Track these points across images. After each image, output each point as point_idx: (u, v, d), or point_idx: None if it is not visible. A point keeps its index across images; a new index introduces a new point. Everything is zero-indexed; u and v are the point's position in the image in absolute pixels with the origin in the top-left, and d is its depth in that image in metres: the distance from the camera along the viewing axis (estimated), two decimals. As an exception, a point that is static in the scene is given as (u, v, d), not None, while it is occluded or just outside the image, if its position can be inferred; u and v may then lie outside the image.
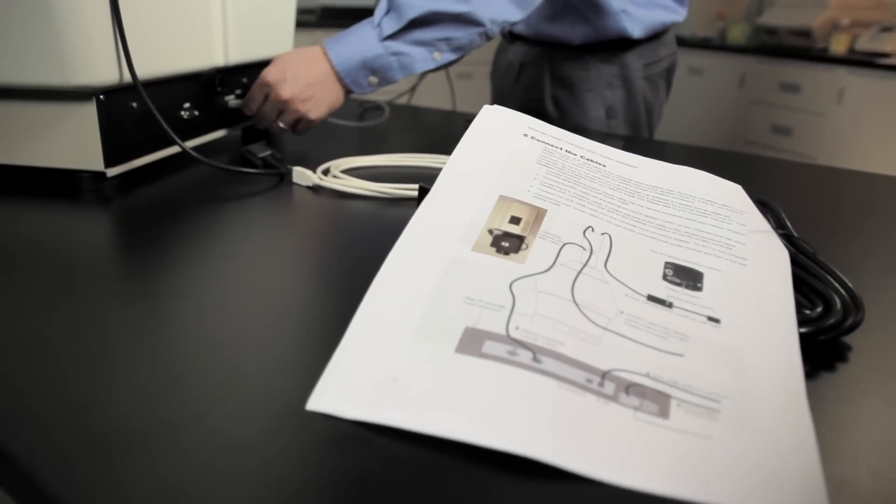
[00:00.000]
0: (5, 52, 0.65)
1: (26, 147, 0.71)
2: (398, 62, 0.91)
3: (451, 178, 0.47)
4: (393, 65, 0.90)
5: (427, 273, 0.40)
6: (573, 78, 1.23)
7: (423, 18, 0.89)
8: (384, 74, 0.91)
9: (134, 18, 0.69)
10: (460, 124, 1.18)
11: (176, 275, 0.50)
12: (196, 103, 0.85)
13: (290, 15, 1.05)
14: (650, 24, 1.18)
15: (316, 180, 0.73)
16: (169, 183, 0.76)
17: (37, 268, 0.51)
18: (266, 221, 0.63)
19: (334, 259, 0.55)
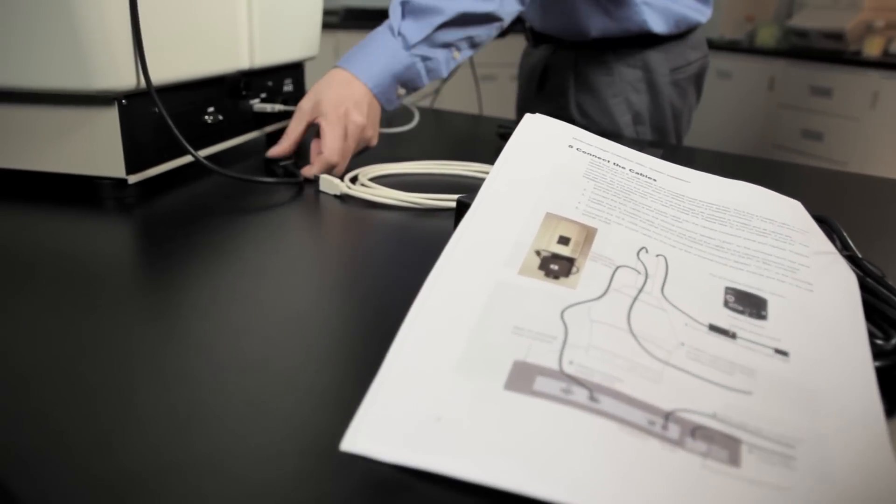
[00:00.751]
0: (27, 55, 0.63)
1: (46, 153, 0.68)
2: (425, 68, 0.87)
3: (494, 193, 0.44)
4: (421, 72, 0.87)
5: (471, 299, 0.37)
6: (598, 83, 1.20)
7: (451, 21, 0.86)
8: (412, 84, 0.88)
9: (158, 22, 0.67)
10: (488, 129, 1.15)
11: (199, 291, 0.47)
12: (220, 107, 0.82)
13: (316, 16, 1.02)
14: (673, 18, 1.13)
15: (344, 189, 0.70)
16: (192, 190, 0.73)
17: (55, 280, 0.49)
18: (293, 233, 0.61)
19: (366, 275, 0.52)
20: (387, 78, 0.84)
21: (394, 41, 0.84)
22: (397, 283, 0.51)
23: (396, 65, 0.84)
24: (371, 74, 0.82)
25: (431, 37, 0.85)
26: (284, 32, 0.93)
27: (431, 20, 0.84)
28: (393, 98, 0.87)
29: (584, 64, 1.20)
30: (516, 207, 0.43)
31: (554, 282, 0.39)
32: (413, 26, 0.84)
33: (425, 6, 0.84)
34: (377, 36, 0.85)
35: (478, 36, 0.89)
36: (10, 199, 0.69)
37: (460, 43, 0.89)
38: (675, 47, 1.18)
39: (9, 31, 0.62)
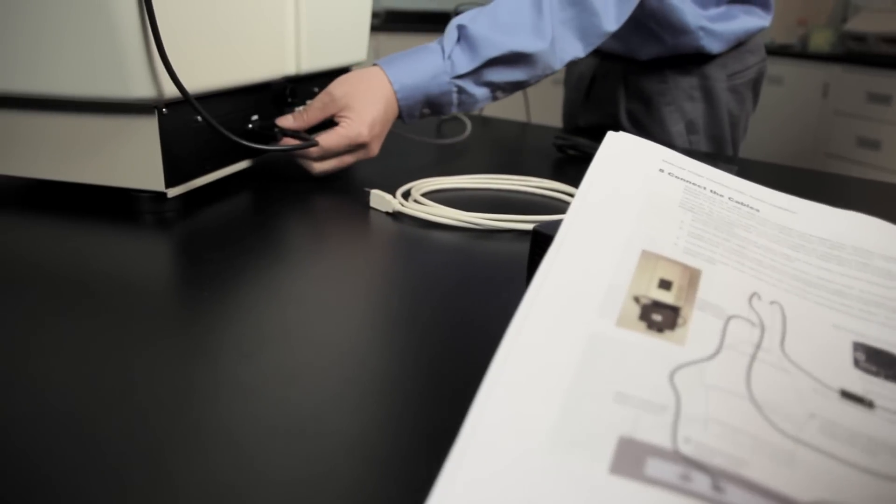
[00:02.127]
0: (64, 62, 0.59)
1: (82, 164, 0.65)
2: (459, 100, 0.84)
3: (580, 225, 0.39)
4: (453, 102, 0.83)
5: (562, 355, 0.32)
6: (650, 91, 1.13)
7: (501, 58, 0.82)
8: (439, 109, 0.84)
9: (203, 27, 0.63)
10: (542, 139, 1.09)
11: (240, 326, 0.43)
12: (265, 115, 0.78)
13: (365, 20, 0.97)
14: (731, 38, 1.08)
15: (396, 206, 0.65)
16: (233, 204, 0.69)
17: (88, 301, 0.44)
18: (341, 256, 0.56)
19: (427, 309, 0.47)
20: (418, 94, 0.81)
21: (441, 63, 0.81)
22: (463, 319, 0.46)
23: (434, 87, 0.81)
24: (404, 84, 0.79)
25: (480, 71, 0.82)
26: (333, 36, 0.88)
27: (483, 52, 0.81)
28: (415, 115, 0.83)
29: (636, 72, 1.14)
30: (607, 243, 0.38)
31: (658, 335, 0.33)
32: (463, 55, 0.81)
33: (480, 37, 0.81)
34: (427, 51, 0.82)
35: (524, 81, 0.86)
36: (43, 211, 0.65)
37: (505, 86, 0.85)
38: (732, 53, 1.12)
39: (46, 36, 0.58)
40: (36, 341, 0.40)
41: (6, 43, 0.60)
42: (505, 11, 0.83)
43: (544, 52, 0.83)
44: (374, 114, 0.77)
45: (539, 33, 0.83)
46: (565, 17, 0.85)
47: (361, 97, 0.77)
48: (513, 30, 0.82)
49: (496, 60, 0.82)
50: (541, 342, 0.33)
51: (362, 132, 0.76)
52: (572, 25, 0.86)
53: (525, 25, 0.83)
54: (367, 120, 0.76)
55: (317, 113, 0.77)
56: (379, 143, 0.80)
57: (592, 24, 0.87)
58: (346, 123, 0.76)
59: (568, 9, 0.86)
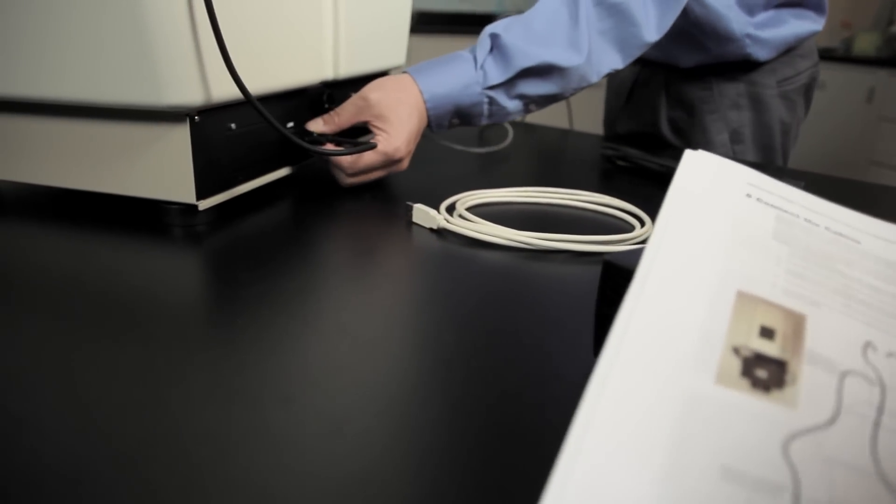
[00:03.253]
0: (94, 67, 0.55)
1: (110, 173, 0.61)
2: (489, 111, 0.79)
3: (664, 260, 0.34)
4: (483, 113, 0.79)
5: (655, 419, 0.27)
6: (693, 98, 1.08)
7: (534, 69, 0.77)
8: (469, 120, 0.81)
9: (238, 31, 0.59)
10: (588, 148, 1.04)
11: (279, 361, 0.39)
12: (301, 122, 0.74)
13: (404, 23, 0.94)
14: (780, 44, 1.02)
15: (442, 223, 0.61)
16: (267, 217, 0.65)
17: (112, 324, 0.41)
18: (385, 278, 0.52)
19: (477, 340, 0.43)
20: (448, 104, 0.77)
21: (473, 73, 0.77)
22: (523, 353, 0.41)
23: (464, 97, 0.77)
24: (434, 94, 0.76)
25: (513, 83, 0.78)
26: (372, 40, 0.84)
27: (516, 63, 0.77)
28: (444, 125, 0.80)
29: (679, 79, 1.09)
30: (697, 282, 0.33)
31: (765, 396, 0.28)
32: (495, 66, 0.77)
33: (513, 47, 0.77)
34: (459, 59, 0.78)
35: (558, 95, 0.82)
36: (69, 221, 0.62)
37: (538, 99, 0.81)
38: (783, 58, 1.06)
39: (74, 41, 0.55)
40: (57, 362, 0.37)
41: (34, 48, 0.57)
42: (540, 21, 0.79)
43: (580, 66, 0.79)
44: (409, 128, 0.74)
45: (575, 46, 0.78)
46: (603, 27, 0.81)
47: (396, 108, 0.73)
48: (548, 41, 0.78)
49: (529, 72, 0.78)
50: (629, 403, 0.28)
51: (400, 148, 0.73)
52: (610, 36, 0.82)
53: (561, 37, 0.78)
54: (403, 136, 0.73)
55: (349, 116, 0.74)
56: (410, 157, 0.77)
57: (632, 34, 0.82)
58: (384, 139, 0.72)
59: (606, 19, 0.81)
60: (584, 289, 0.51)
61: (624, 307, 0.32)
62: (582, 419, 0.27)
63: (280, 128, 0.61)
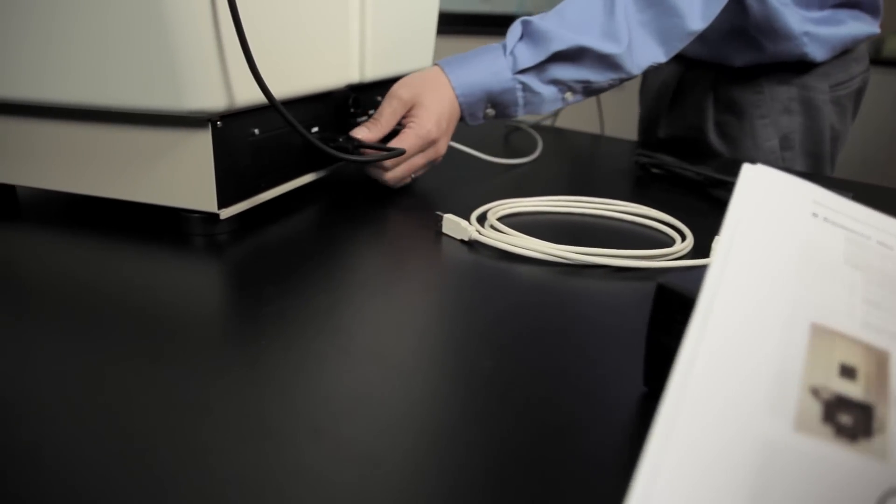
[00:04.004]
0: (112, 71, 0.53)
1: (128, 180, 0.59)
2: (524, 99, 0.77)
3: (729, 288, 0.31)
4: (518, 101, 0.77)
5: (728, 470, 0.24)
6: (743, 102, 1.04)
7: (567, 53, 0.75)
8: (504, 110, 0.78)
9: (262, 33, 0.57)
10: (621, 155, 1.01)
11: (308, 387, 0.36)
12: (326, 126, 0.72)
13: (431, 23, 0.91)
14: (837, 45, 0.98)
15: (474, 234, 0.58)
16: (291, 226, 0.63)
17: (130, 335, 0.38)
18: (416, 294, 0.49)
19: (524, 362, 0.40)
20: (478, 92, 0.75)
21: (502, 59, 0.75)
22: (562, 381, 0.38)
23: (495, 84, 0.75)
24: (462, 83, 0.74)
25: (544, 67, 0.76)
26: (399, 41, 0.82)
27: (547, 46, 0.75)
28: (478, 115, 0.78)
29: (727, 81, 1.05)
30: (767, 313, 0.30)
31: (851, 446, 0.25)
32: (526, 50, 0.75)
33: (544, 31, 0.75)
34: (488, 49, 0.77)
35: (595, 83, 0.79)
36: (86, 229, 0.60)
37: (574, 84, 0.78)
38: (836, 62, 1.02)
39: (93, 44, 0.53)
40: (74, 378, 0.34)
41: (53, 51, 0.54)
42: (573, 11, 0.77)
43: (618, 55, 0.76)
44: (439, 109, 0.72)
45: (611, 37, 0.76)
46: (643, 18, 0.78)
47: (426, 94, 0.73)
48: (581, 29, 0.76)
49: (562, 55, 0.75)
50: (700, 450, 0.25)
51: (431, 129, 0.71)
52: (652, 28, 0.79)
53: (594, 27, 0.76)
54: (433, 116, 0.72)
55: (390, 119, 0.72)
56: (447, 141, 0.76)
57: (674, 25, 0.79)
58: (415, 122, 0.71)
59: (646, 10, 0.78)
60: (625, 308, 0.48)
61: (687, 340, 0.29)
62: (648, 467, 0.24)
63: (308, 136, 0.58)
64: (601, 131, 1.22)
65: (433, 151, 0.73)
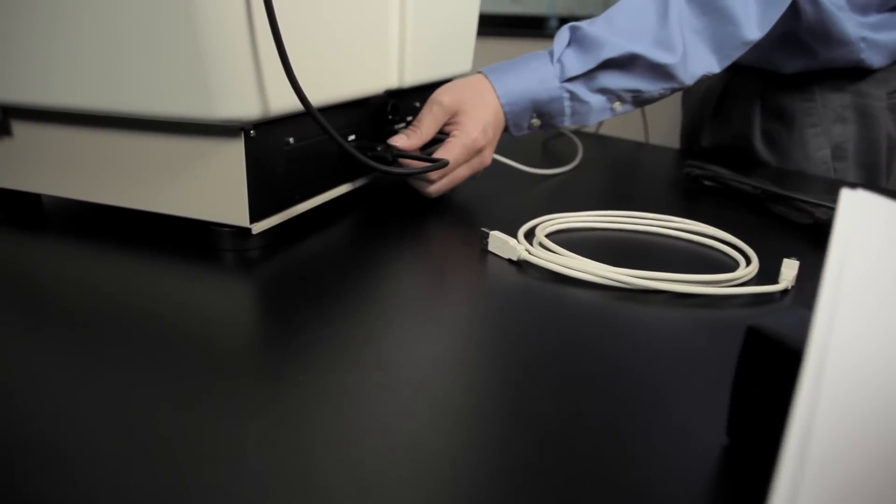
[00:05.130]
0: (141, 76, 0.50)
1: (154, 190, 0.56)
2: (571, 109, 0.73)
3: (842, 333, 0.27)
4: (565, 111, 0.73)
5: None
6: (792, 110, 0.99)
7: (617, 60, 0.70)
8: (550, 120, 0.74)
9: (298, 38, 0.53)
10: (667, 165, 0.96)
11: (344, 418, 0.32)
12: (363, 134, 0.68)
13: (472, 26, 0.87)
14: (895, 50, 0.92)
15: (523, 254, 0.54)
16: (327, 240, 0.59)
17: (156, 359, 0.35)
18: (462, 322, 0.45)
19: (575, 407, 0.36)
20: (524, 101, 0.71)
21: (549, 67, 0.72)
22: (630, 432, 0.34)
23: (541, 92, 0.71)
24: (508, 91, 0.70)
25: (593, 75, 0.72)
26: (439, 45, 0.78)
27: (597, 54, 0.70)
28: (523, 126, 0.74)
29: (776, 87, 1.00)
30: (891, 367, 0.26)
31: None
32: (575, 57, 0.71)
33: (594, 37, 0.71)
34: (534, 56, 0.73)
35: (646, 92, 0.75)
36: (113, 240, 0.57)
37: (624, 94, 0.74)
38: (894, 67, 0.97)
39: (121, 48, 0.50)
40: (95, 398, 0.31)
41: (80, 55, 0.51)
42: (624, 17, 0.73)
43: (672, 66, 0.72)
44: (485, 117, 0.69)
45: (664, 44, 0.71)
46: (697, 26, 0.74)
47: (470, 101, 0.69)
48: (632, 36, 0.71)
49: (613, 63, 0.71)
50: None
51: (478, 137, 0.68)
52: (705, 36, 0.75)
53: (646, 34, 0.72)
54: (479, 124, 0.68)
55: (430, 126, 0.68)
56: (492, 149, 0.72)
57: (730, 33, 0.75)
58: (459, 130, 0.67)
59: (701, 17, 0.74)
60: (693, 340, 0.44)
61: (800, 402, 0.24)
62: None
63: (348, 147, 0.54)
64: (646, 139, 1.17)
65: (478, 161, 0.70)
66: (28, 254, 0.55)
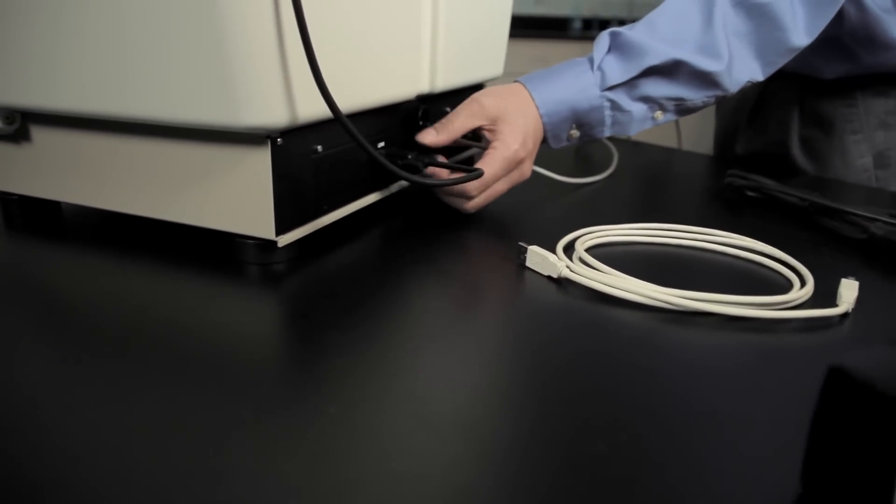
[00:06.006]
0: (164, 81, 0.48)
1: (178, 200, 0.54)
2: (612, 119, 0.70)
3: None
4: (606, 121, 0.70)
5: None
6: (832, 116, 0.95)
7: (660, 67, 0.67)
8: (590, 130, 0.71)
9: (328, 42, 0.51)
10: (705, 173, 0.93)
11: (381, 455, 0.29)
12: (393, 141, 0.65)
13: (504, 29, 0.84)
14: None
15: (564, 271, 0.51)
16: (356, 253, 0.57)
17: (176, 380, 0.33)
18: (496, 341, 0.42)
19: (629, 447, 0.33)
20: (564, 111, 0.68)
21: (589, 75, 0.68)
22: (694, 478, 0.31)
23: (581, 101, 0.68)
24: (546, 100, 0.67)
25: (635, 83, 0.68)
26: (472, 49, 0.75)
27: (640, 61, 0.67)
28: (562, 137, 0.71)
29: (816, 92, 0.96)
30: None
31: None
32: (616, 65, 0.68)
33: (636, 43, 0.67)
34: (573, 64, 0.70)
35: (689, 101, 0.71)
36: (133, 250, 0.55)
37: (666, 102, 0.71)
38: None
39: (144, 51, 0.47)
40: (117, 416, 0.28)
41: (101, 59, 0.49)
42: (666, 22, 0.69)
43: (718, 73, 0.69)
44: (525, 127, 0.65)
45: (709, 51, 0.68)
46: (742, 30, 0.70)
47: (511, 109, 0.65)
48: (675, 42, 0.68)
49: (655, 70, 0.68)
50: None
51: (518, 150, 0.64)
52: (750, 41, 0.71)
53: (689, 40, 0.68)
54: (519, 135, 0.65)
55: (463, 123, 0.65)
56: (531, 161, 0.69)
57: (776, 39, 0.71)
58: (499, 142, 0.64)
59: (747, 22, 0.70)
60: (744, 368, 0.41)
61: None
62: None
63: (379, 157, 0.52)
64: (678, 144, 1.14)
65: (518, 174, 0.67)
66: (47, 264, 0.53)
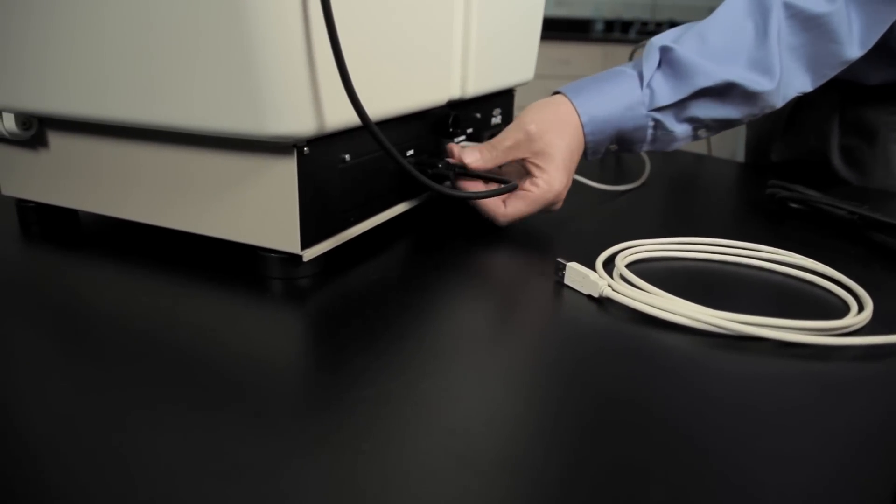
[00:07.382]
0: (187, 88, 0.45)
1: (199, 211, 0.51)
2: (653, 137, 0.66)
3: None
4: (646, 139, 0.66)
5: None
6: (875, 124, 0.91)
7: (713, 90, 0.64)
8: (629, 146, 0.68)
9: (358, 47, 0.48)
10: (741, 182, 0.89)
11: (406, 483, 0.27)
12: (422, 149, 0.63)
13: (535, 33, 0.81)
14: None
15: (605, 290, 0.48)
16: (384, 267, 0.54)
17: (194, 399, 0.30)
18: (534, 366, 0.39)
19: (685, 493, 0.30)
20: (609, 129, 0.64)
21: (637, 92, 0.64)
22: None
23: (627, 120, 0.64)
24: (592, 118, 0.63)
25: (684, 104, 0.65)
26: (503, 53, 0.72)
27: (691, 82, 0.63)
28: (601, 151, 0.67)
29: (858, 100, 0.92)
30: None
31: None
32: (666, 84, 0.64)
33: (689, 64, 0.63)
34: (621, 76, 0.65)
35: (735, 120, 0.68)
36: (152, 261, 0.53)
37: (711, 124, 0.67)
38: None
39: (163, 57, 0.45)
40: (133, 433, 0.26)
41: (123, 65, 0.47)
42: (718, 34, 0.65)
43: (769, 93, 0.65)
44: (569, 156, 0.62)
45: (761, 67, 0.64)
46: (795, 43, 0.67)
47: (557, 144, 0.61)
48: (728, 58, 0.64)
49: (706, 92, 0.64)
50: None
51: (561, 193, 0.62)
52: (802, 53, 0.67)
53: (742, 55, 0.65)
54: (563, 176, 0.61)
55: (510, 152, 0.61)
56: (569, 184, 0.65)
57: (830, 52, 0.68)
58: (544, 181, 0.60)
59: (800, 33, 0.66)
60: (803, 400, 0.38)
61: None
62: None
63: (408, 166, 0.49)
64: (708, 150, 1.10)
65: (555, 204, 0.64)
66: (64, 274, 0.51)
